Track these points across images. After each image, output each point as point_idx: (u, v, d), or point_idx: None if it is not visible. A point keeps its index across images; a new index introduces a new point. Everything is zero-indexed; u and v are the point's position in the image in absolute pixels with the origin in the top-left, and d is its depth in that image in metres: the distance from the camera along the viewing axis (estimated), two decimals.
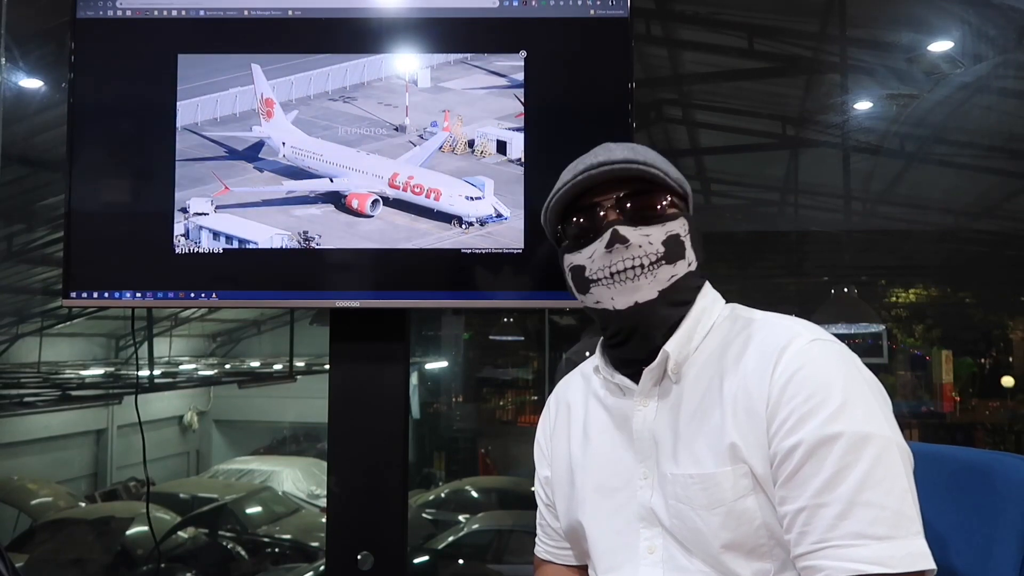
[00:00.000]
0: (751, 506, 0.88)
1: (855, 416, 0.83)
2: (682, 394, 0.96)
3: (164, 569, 4.87)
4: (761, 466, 0.87)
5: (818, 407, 0.84)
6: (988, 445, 6.35)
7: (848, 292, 4.68)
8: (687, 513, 0.91)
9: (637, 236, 0.95)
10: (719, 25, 4.13)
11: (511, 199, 1.42)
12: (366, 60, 1.45)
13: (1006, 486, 0.90)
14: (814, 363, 0.87)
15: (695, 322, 0.97)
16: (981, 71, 4.05)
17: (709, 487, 0.89)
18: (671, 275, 0.96)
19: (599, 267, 0.97)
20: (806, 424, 0.84)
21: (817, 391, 0.85)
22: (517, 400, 9.67)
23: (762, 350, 0.90)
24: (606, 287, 0.97)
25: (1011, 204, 5.64)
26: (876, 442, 0.82)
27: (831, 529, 0.81)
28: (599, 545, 1.01)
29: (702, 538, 0.90)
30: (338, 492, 1.51)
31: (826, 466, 0.82)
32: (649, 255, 0.95)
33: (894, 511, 0.80)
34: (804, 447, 0.83)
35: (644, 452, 0.97)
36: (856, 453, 0.81)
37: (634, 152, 0.99)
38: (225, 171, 1.45)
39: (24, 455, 10.04)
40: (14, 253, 7.23)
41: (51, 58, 3.81)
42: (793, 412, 0.85)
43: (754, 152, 5.64)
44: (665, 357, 0.96)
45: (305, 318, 9.29)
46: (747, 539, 0.88)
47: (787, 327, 0.93)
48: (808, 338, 0.89)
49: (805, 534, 0.83)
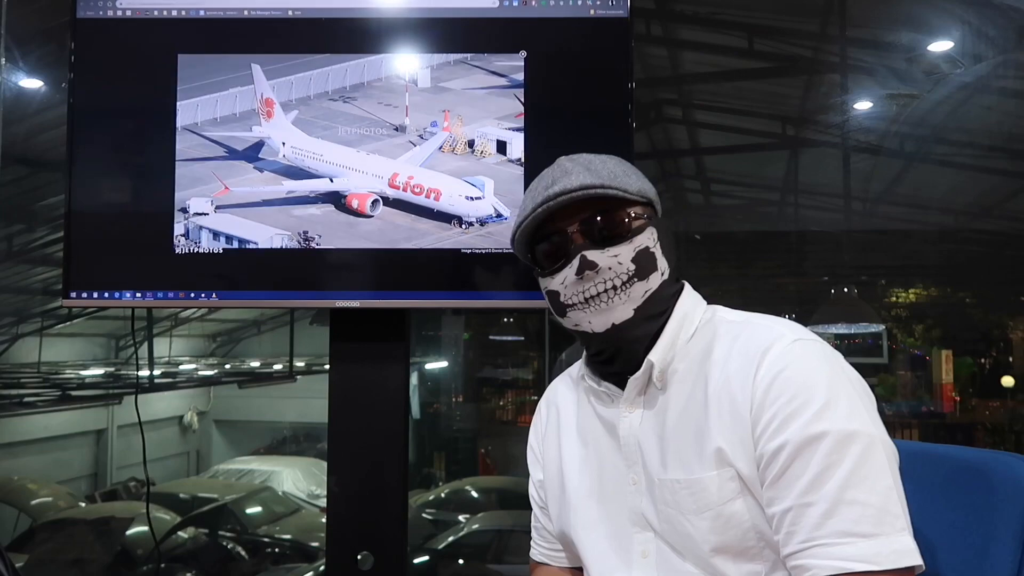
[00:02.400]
0: (739, 509, 0.88)
1: (839, 414, 0.83)
2: (668, 400, 0.96)
3: (164, 569, 4.87)
4: (747, 468, 0.87)
5: (802, 407, 0.84)
6: (988, 445, 6.35)
7: (848, 292, 4.67)
8: (676, 518, 0.91)
9: (606, 259, 0.95)
10: (719, 25, 4.13)
11: (511, 199, 1.42)
12: (366, 60, 1.45)
13: (1004, 485, 0.90)
14: (797, 363, 0.87)
15: (677, 328, 0.97)
16: (981, 71, 4.05)
17: (696, 492, 0.90)
18: (645, 291, 0.96)
19: (572, 293, 0.97)
20: (791, 424, 0.84)
21: (801, 391, 0.85)
22: (517, 400, 9.67)
23: (745, 352, 0.90)
24: (582, 311, 0.97)
25: (1011, 204, 5.64)
26: (860, 440, 0.82)
27: (817, 528, 0.81)
28: (593, 550, 1.01)
29: (692, 542, 0.90)
30: (338, 492, 1.51)
31: (811, 465, 0.82)
32: (620, 275, 0.95)
33: (879, 508, 0.80)
34: (790, 447, 0.83)
35: (631, 458, 0.98)
36: (841, 452, 0.81)
37: (590, 172, 0.97)
38: (225, 171, 1.45)
39: (24, 455, 10.04)
40: (14, 253, 7.23)
41: (51, 58, 3.81)
42: (777, 413, 0.85)
43: (754, 152, 5.64)
44: (650, 367, 0.96)
45: (305, 318, 9.30)
46: (736, 542, 0.88)
47: (768, 328, 0.92)
48: (790, 338, 0.89)
49: (792, 534, 0.83)
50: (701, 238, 6.10)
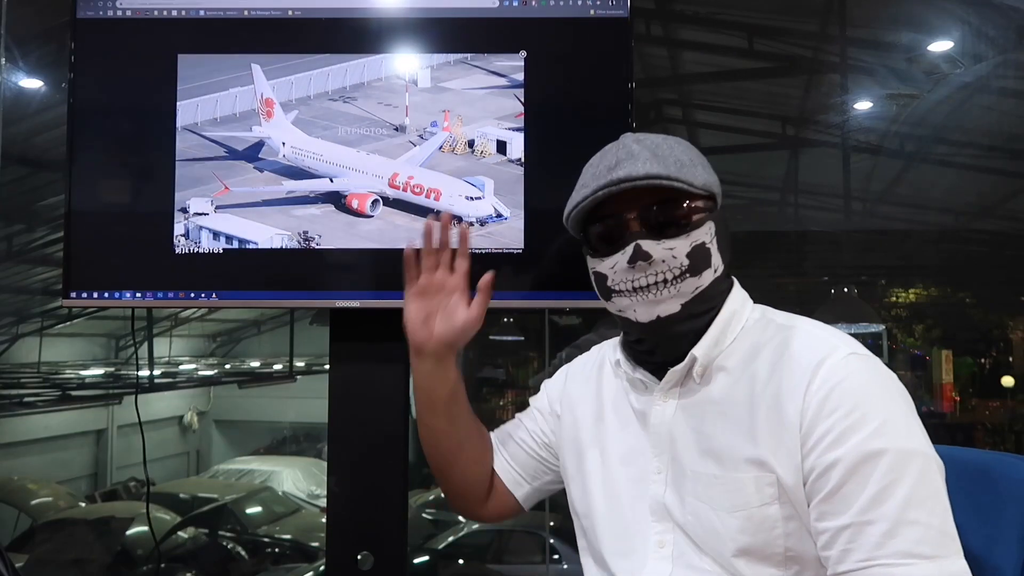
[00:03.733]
0: (773, 514, 0.87)
1: (898, 432, 0.82)
2: (709, 395, 0.94)
3: (164, 569, 4.87)
4: (790, 478, 0.86)
5: (859, 423, 0.83)
6: (988, 445, 6.35)
7: (848, 292, 4.68)
8: (705, 512, 0.90)
9: (661, 251, 0.92)
10: (719, 25, 4.13)
11: (511, 199, 1.41)
12: (366, 60, 1.45)
13: (1006, 486, 0.90)
14: (852, 378, 0.85)
15: (724, 325, 0.96)
16: (981, 71, 4.05)
17: (732, 490, 0.89)
18: (696, 287, 0.94)
19: (621, 279, 0.95)
20: (848, 440, 0.82)
21: (857, 407, 0.83)
22: (517, 400, 9.66)
23: (797, 362, 0.89)
24: (628, 298, 0.95)
25: (1011, 204, 5.63)
26: (919, 459, 0.81)
27: (878, 547, 0.80)
28: (608, 533, 1.00)
29: (717, 539, 0.89)
30: (338, 492, 1.51)
31: (871, 483, 0.81)
32: (673, 269, 0.93)
33: (939, 530, 0.79)
34: (846, 463, 0.82)
35: (659, 447, 0.97)
36: (900, 470, 0.80)
37: (657, 160, 0.94)
38: (225, 171, 1.45)
39: (24, 455, 10.04)
40: (14, 253, 7.22)
41: (51, 58, 3.80)
42: (833, 428, 0.83)
43: (754, 152, 5.64)
44: (692, 361, 0.94)
45: (305, 318, 9.27)
46: (764, 546, 0.87)
47: (823, 339, 0.91)
48: (845, 352, 0.88)
49: (849, 551, 0.81)
50: None
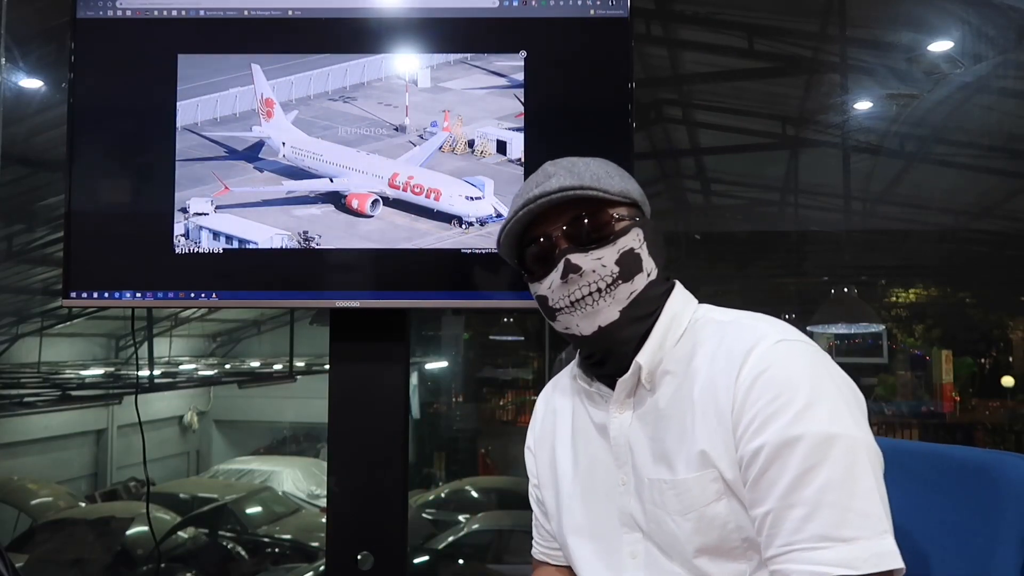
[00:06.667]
0: (722, 511, 0.87)
1: (819, 417, 0.82)
2: (656, 401, 0.95)
3: (164, 569, 4.88)
4: (730, 470, 0.87)
5: (782, 408, 0.83)
6: (988, 445, 6.35)
7: (848, 292, 4.68)
8: (663, 518, 0.91)
9: (589, 262, 0.94)
10: (719, 25, 4.13)
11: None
12: (366, 60, 1.45)
13: (1006, 485, 0.90)
14: (779, 364, 0.86)
15: (665, 330, 0.97)
16: (981, 71, 4.05)
17: (681, 492, 0.89)
18: (630, 292, 0.95)
19: (559, 297, 0.97)
20: (770, 426, 0.83)
21: (782, 392, 0.84)
22: (517, 400, 9.67)
23: (729, 352, 0.89)
24: (569, 314, 0.97)
25: (1011, 204, 5.63)
26: (841, 443, 0.81)
27: (796, 532, 0.80)
28: (582, 550, 1.01)
29: (677, 542, 0.90)
30: (338, 492, 1.51)
31: (790, 468, 0.81)
32: (604, 278, 0.95)
33: (859, 512, 0.79)
34: (768, 449, 0.83)
35: (621, 458, 0.98)
36: (820, 455, 0.81)
37: (571, 174, 0.97)
38: (225, 171, 1.45)
39: (24, 455, 10.04)
40: (14, 253, 7.23)
41: (51, 58, 3.81)
42: (758, 414, 0.84)
43: (754, 152, 5.64)
44: (638, 369, 0.95)
45: (305, 318, 9.29)
46: (720, 543, 0.88)
47: (753, 328, 0.91)
48: (774, 339, 0.88)
49: (772, 537, 0.82)
50: (701, 238, 6.10)
